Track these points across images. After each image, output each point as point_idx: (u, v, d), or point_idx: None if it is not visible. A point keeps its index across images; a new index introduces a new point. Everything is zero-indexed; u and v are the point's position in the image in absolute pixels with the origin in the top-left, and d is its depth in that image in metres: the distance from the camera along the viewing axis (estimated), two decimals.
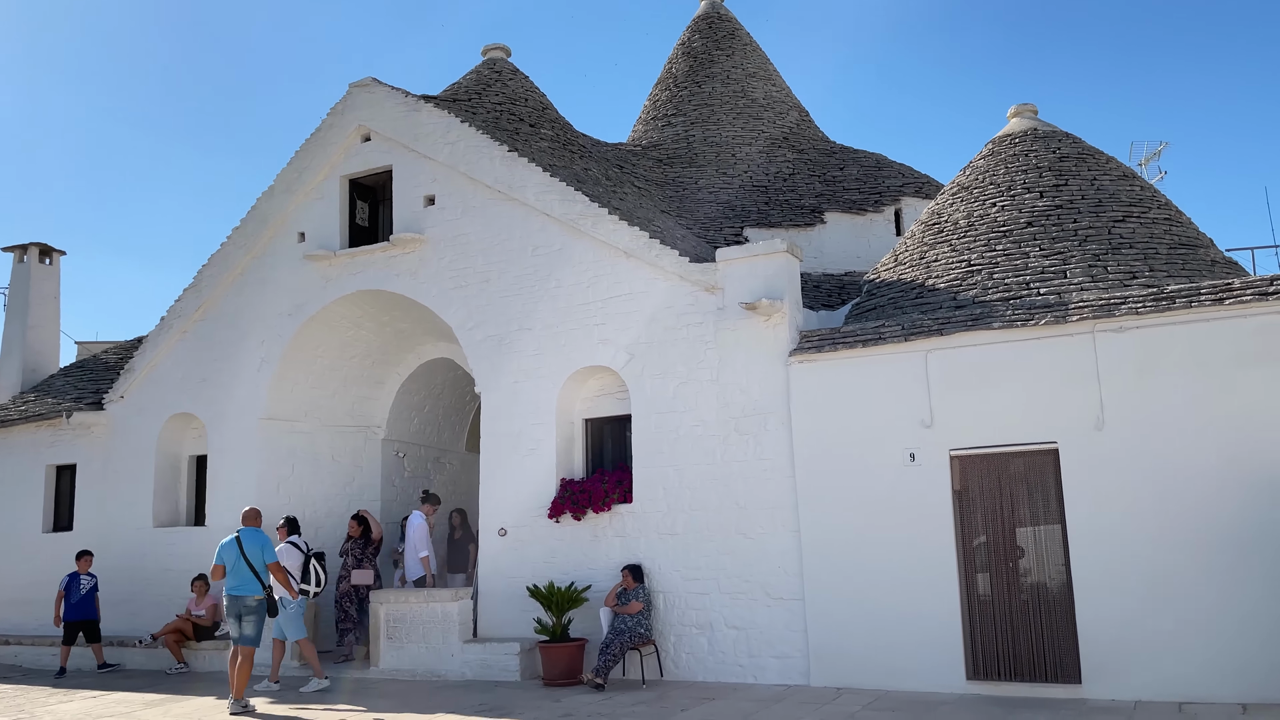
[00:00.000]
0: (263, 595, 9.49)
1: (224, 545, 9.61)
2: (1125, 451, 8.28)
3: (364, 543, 11.99)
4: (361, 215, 12.92)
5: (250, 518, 9.85)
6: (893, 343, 9.26)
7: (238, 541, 9.56)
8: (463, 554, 12.57)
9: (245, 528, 9.73)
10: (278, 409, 12.85)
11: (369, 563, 11.92)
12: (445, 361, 13.81)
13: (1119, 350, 8.39)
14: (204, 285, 13.43)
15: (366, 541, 12.00)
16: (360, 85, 12.76)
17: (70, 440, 14.37)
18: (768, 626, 9.58)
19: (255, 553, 9.52)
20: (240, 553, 9.48)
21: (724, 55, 17.28)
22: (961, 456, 8.96)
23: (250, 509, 10.00)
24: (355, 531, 12.04)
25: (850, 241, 14.36)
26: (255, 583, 9.46)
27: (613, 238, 10.81)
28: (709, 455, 10.06)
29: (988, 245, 10.18)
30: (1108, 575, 8.25)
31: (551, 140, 13.81)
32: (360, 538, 12.01)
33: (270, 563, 9.62)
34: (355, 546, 11.98)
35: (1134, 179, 10.82)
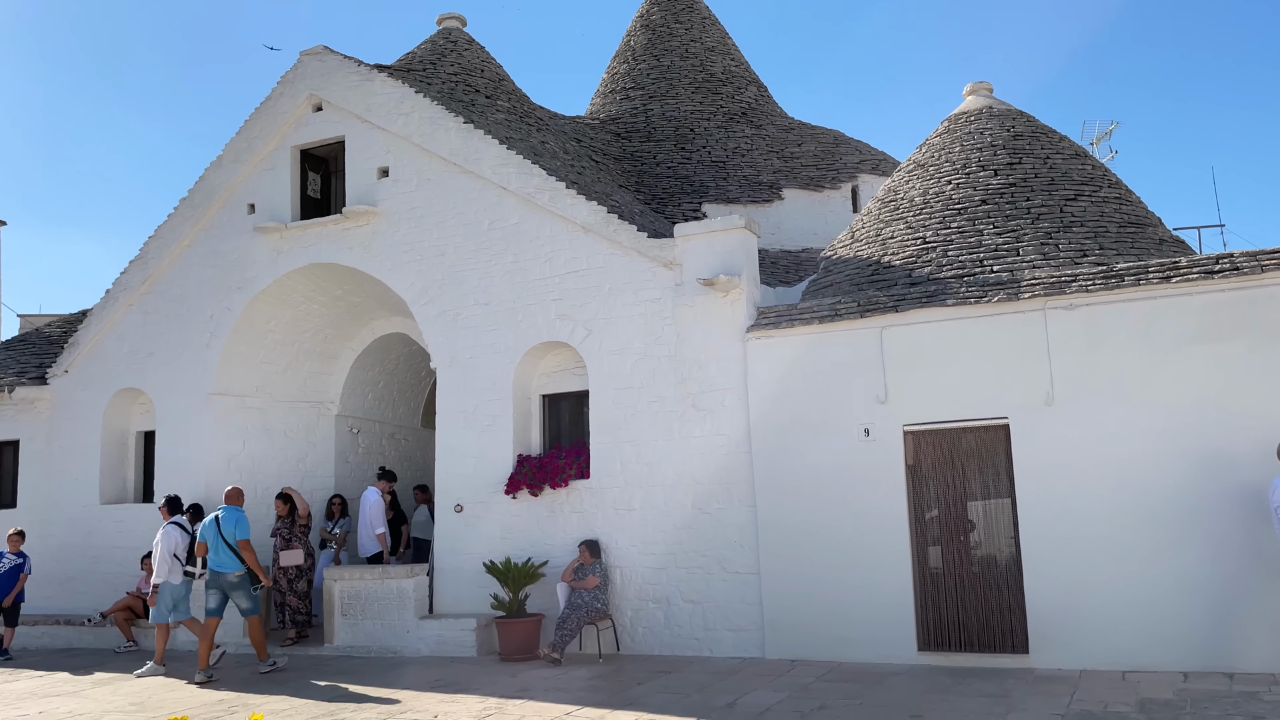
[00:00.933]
0: (242, 571, 9.83)
1: (205, 524, 10.03)
2: (1074, 427, 8.43)
3: (290, 522, 11.60)
4: (313, 187, 12.67)
5: (232, 496, 10.25)
6: (849, 319, 9.32)
7: (216, 520, 9.94)
8: (393, 534, 12.22)
9: (226, 506, 10.10)
10: (228, 384, 12.62)
11: (298, 542, 11.55)
12: (400, 336, 13.64)
13: (1069, 327, 8.53)
14: (150, 257, 13.11)
15: (294, 520, 11.62)
16: (312, 53, 12.47)
17: (12, 415, 14.00)
18: (724, 600, 9.66)
19: (229, 530, 9.85)
20: (218, 531, 9.87)
21: (683, 29, 17.17)
22: (915, 432, 9.06)
23: (232, 488, 10.40)
24: (282, 510, 11.64)
25: (808, 218, 14.42)
26: (234, 559, 9.83)
27: (570, 212, 10.73)
28: (666, 431, 10.08)
29: (942, 223, 10.26)
30: (1055, 548, 8.42)
31: (508, 112, 13.64)
32: (287, 517, 11.62)
33: (240, 539, 9.86)
34: (284, 526, 11.62)
35: (1086, 158, 10.95)
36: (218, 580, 9.85)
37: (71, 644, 12.37)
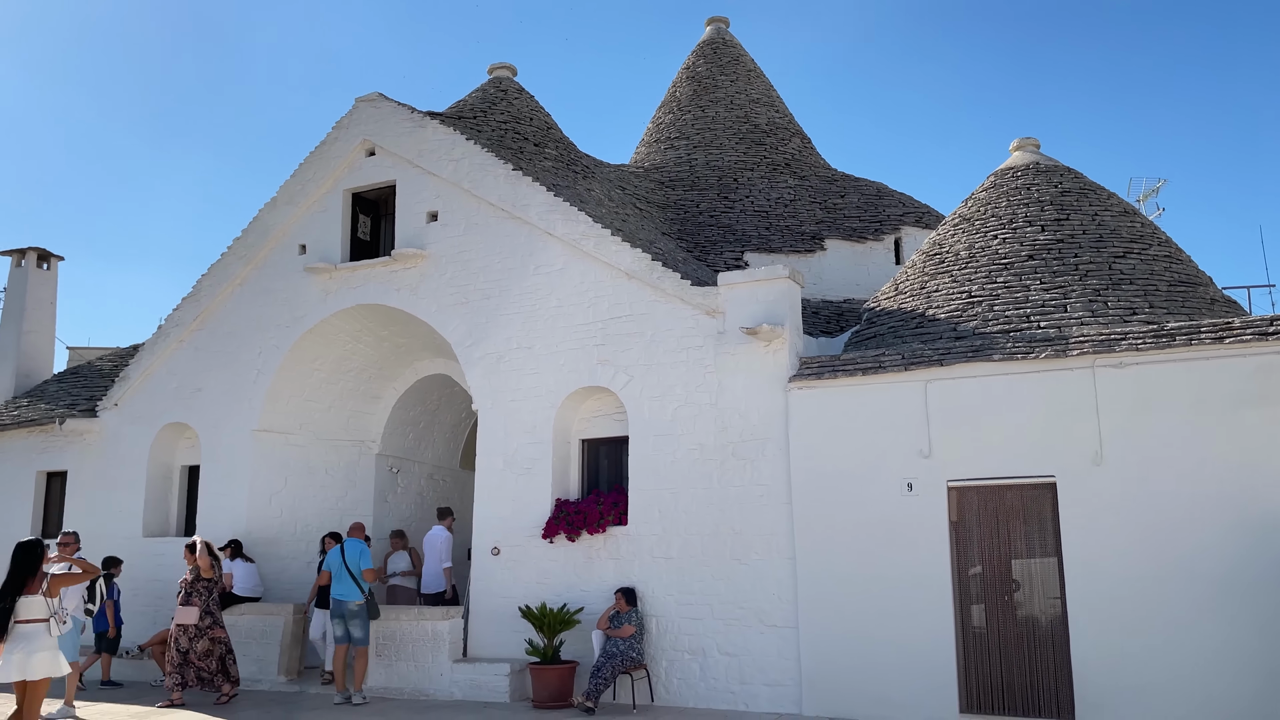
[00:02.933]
0: (363, 600, 10.33)
1: (331, 554, 10.67)
2: (1123, 487, 8.28)
3: (194, 576, 10.54)
4: (363, 229, 12.92)
5: (355, 530, 10.94)
6: (893, 371, 9.27)
7: (341, 551, 10.52)
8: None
9: (350, 538, 10.71)
10: (272, 421, 12.80)
11: (197, 598, 10.44)
12: (442, 378, 13.78)
13: (1118, 386, 8.41)
14: (203, 295, 13.40)
15: (196, 575, 10.54)
16: (366, 100, 12.80)
17: (62, 447, 14.28)
18: (761, 653, 9.53)
19: (354, 560, 10.42)
20: (343, 560, 10.42)
21: (728, 80, 17.39)
22: (959, 487, 8.95)
23: (356, 523, 11.16)
24: (190, 561, 10.65)
25: (850, 269, 14.41)
26: (356, 589, 10.32)
27: (615, 259, 10.83)
28: (706, 479, 10.04)
29: (989, 277, 10.22)
30: (1103, 611, 8.23)
31: (555, 160, 13.85)
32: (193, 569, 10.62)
33: (365, 569, 10.41)
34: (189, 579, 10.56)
35: (1134, 215, 10.88)
36: (340, 609, 10.31)
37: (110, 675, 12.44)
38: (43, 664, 7.09)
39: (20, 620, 7.12)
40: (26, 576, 7.22)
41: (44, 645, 7.13)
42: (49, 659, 7.12)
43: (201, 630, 10.41)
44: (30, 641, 7.10)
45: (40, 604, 7.19)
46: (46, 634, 7.16)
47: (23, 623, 7.12)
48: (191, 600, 10.42)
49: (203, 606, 10.46)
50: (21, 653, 7.06)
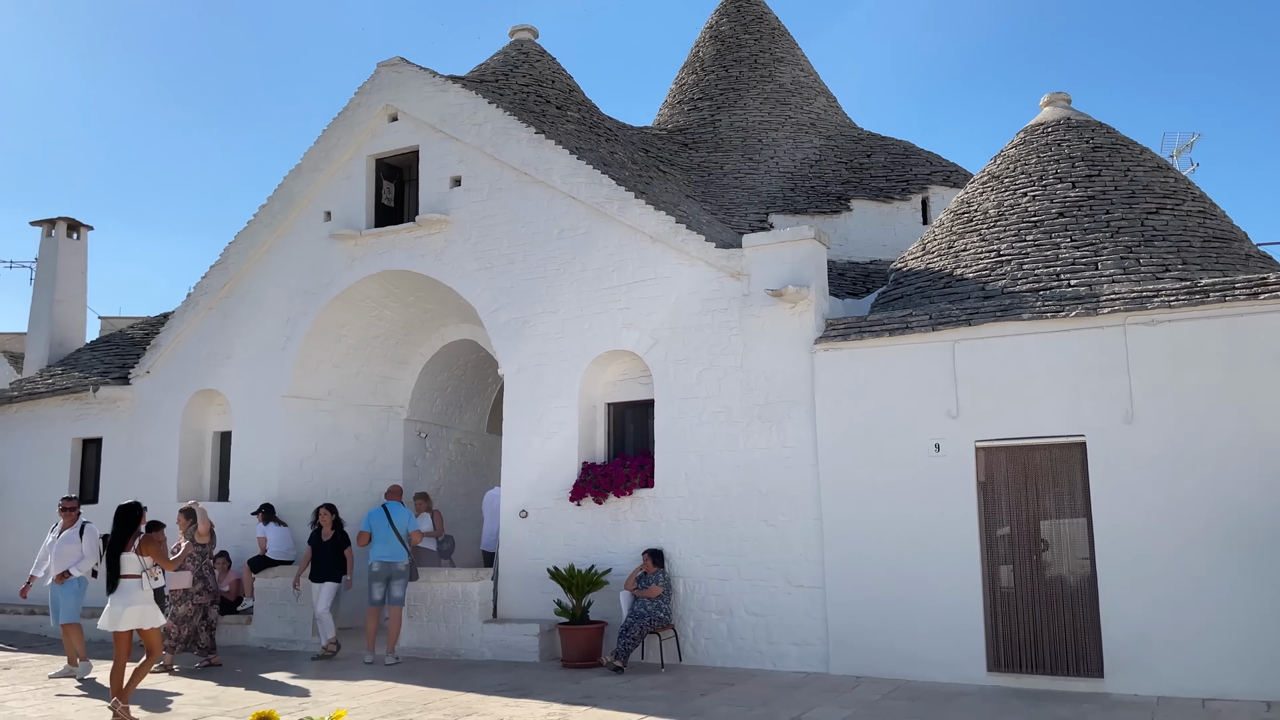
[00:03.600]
0: (408, 560, 10.60)
1: (373, 514, 10.79)
2: (1155, 446, 8.20)
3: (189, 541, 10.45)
4: (387, 195, 12.94)
5: (393, 493, 11.10)
6: (920, 332, 9.20)
7: (385, 512, 10.69)
8: (335, 560, 11.03)
9: (389, 500, 10.91)
10: (301, 387, 12.93)
11: (190, 563, 10.54)
12: (468, 343, 13.83)
13: (1150, 344, 8.30)
14: (230, 262, 13.50)
15: (191, 541, 10.53)
16: (388, 65, 12.75)
17: (96, 414, 14.51)
18: (788, 613, 9.58)
19: (402, 522, 10.68)
20: (389, 522, 10.61)
21: (752, 39, 17.16)
22: (987, 448, 8.90)
23: (394, 485, 11.35)
24: (183, 527, 10.68)
25: (876, 229, 14.26)
26: (403, 550, 10.59)
27: (639, 222, 10.78)
28: (732, 442, 10.05)
29: (1018, 235, 10.08)
30: (1133, 570, 8.19)
31: (578, 123, 13.76)
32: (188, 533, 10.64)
33: (413, 531, 10.78)
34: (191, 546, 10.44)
35: (1168, 170, 10.67)
36: (388, 570, 10.50)
37: None
38: (133, 617, 7.85)
39: (125, 574, 7.93)
40: (126, 536, 7.99)
41: (137, 599, 7.89)
42: (139, 612, 7.88)
43: (189, 594, 10.50)
44: (127, 595, 7.88)
45: (135, 561, 7.97)
46: (139, 589, 7.93)
47: (127, 577, 7.93)
48: (184, 565, 10.41)
49: (196, 571, 10.58)
50: (119, 605, 7.85)
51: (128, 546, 8.01)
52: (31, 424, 15.19)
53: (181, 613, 10.45)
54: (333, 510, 11.15)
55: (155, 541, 8.17)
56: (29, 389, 15.36)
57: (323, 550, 11.03)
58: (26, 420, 15.24)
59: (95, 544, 10.24)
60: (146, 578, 7.99)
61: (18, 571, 14.43)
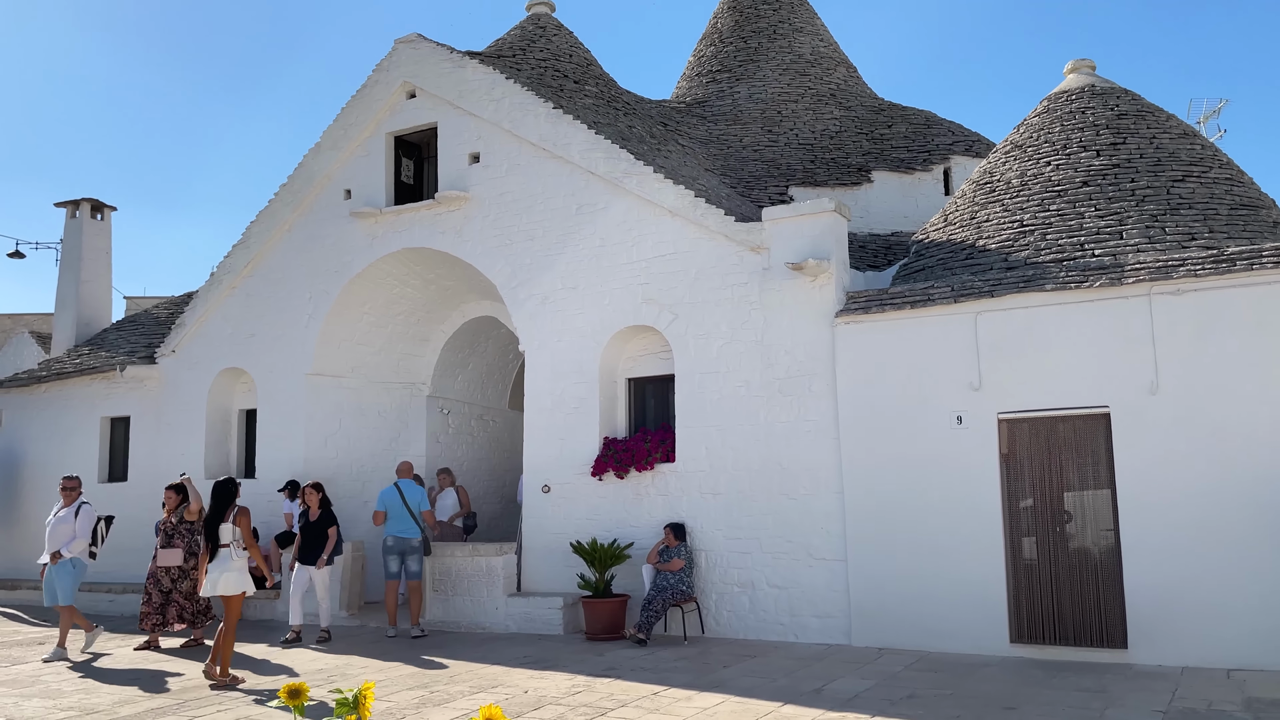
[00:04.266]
0: (422, 536, 10.83)
1: (386, 493, 10.95)
2: (1180, 417, 8.14)
3: (179, 517, 10.48)
4: (407, 173, 12.95)
5: (405, 470, 11.36)
6: (942, 304, 9.14)
7: (398, 490, 10.89)
8: (318, 539, 10.70)
9: (402, 479, 11.12)
10: (325, 364, 13.03)
11: (180, 540, 10.39)
12: (489, 320, 13.88)
13: (1176, 313, 8.22)
14: (252, 242, 13.58)
15: (182, 516, 10.48)
16: (406, 41, 12.72)
17: (124, 393, 14.69)
18: (810, 586, 9.62)
19: (415, 500, 10.88)
20: (403, 500, 10.82)
21: (770, 10, 16.98)
22: (1010, 420, 8.86)
23: (404, 462, 11.55)
24: (173, 503, 10.51)
25: (898, 201, 14.16)
26: (415, 526, 10.80)
27: (658, 196, 10.75)
28: (752, 416, 10.05)
29: (1041, 205, 9.97)
30: (1157, 540, 8.16)
31: (596, 97, 13.70)
32: (176, 510, 10.50)
33: (425, 510, 10.95)
34: (168, 522, 10.46)
35: (1194, 137, 10.51)
36: (401, 545, 10.75)
37: None
38: (230, 582, 8.37)
39: (221, 544, 8.46)
40: (224, 508, 8.54)
41: (232, 566, 8.42)
42: (235, 578, 8.39)
43: (185, 571, 10.36)
44: (223, 563, 8.42)
45: (229, 531, 8.48)
46: (232, 557, 8.43)
47: (221, 546, 8.46)
48: (174, 542, 10.36)
49: (186, 548, 10.38)
50: (216, 572, 8.39)
51: (225, 517, 8.49)
52: (60, 403, 15.40)
53: (186, 588, 10.39)
54: (319, 489, 10.86)
55: (246, 515, 8.60)
56: (57, 369, 15.57)
57: (308, 531, 10.75)
58: (55, 400, 15.46)
59: (89, 524, 10.14)
60: (235, 547, 8.45)
61: None
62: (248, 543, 8.58)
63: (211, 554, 8.45)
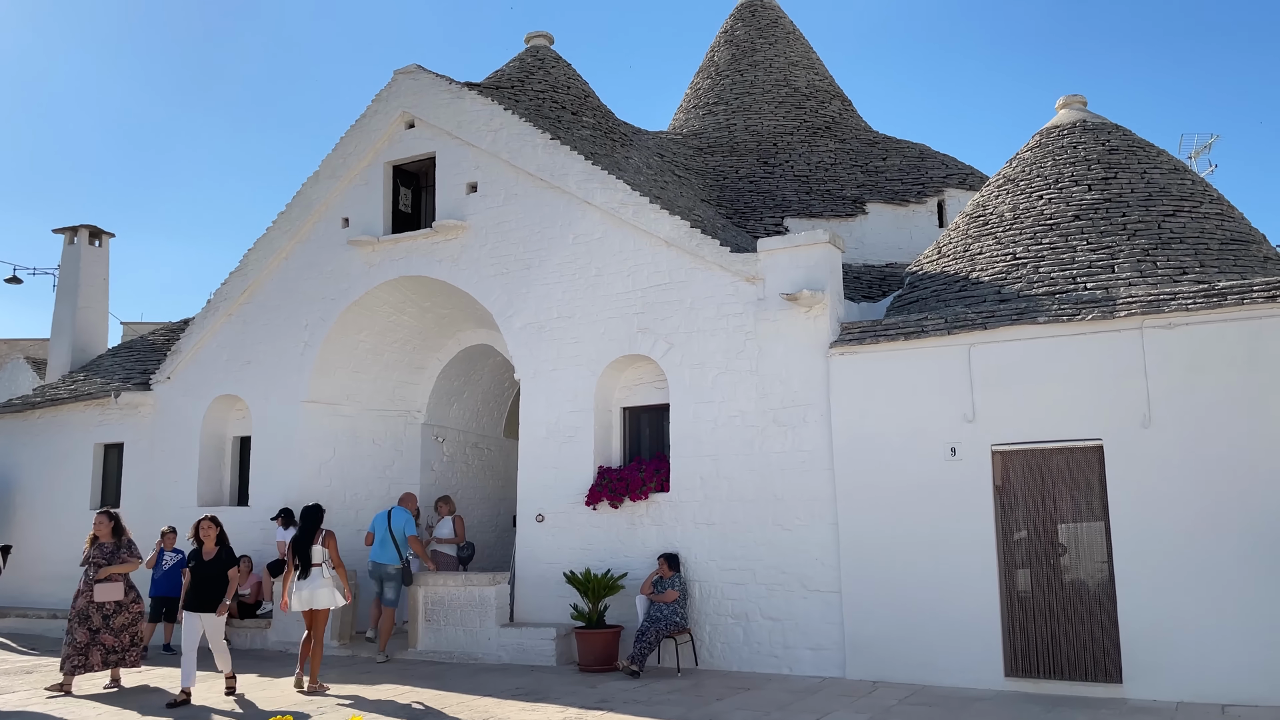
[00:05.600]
0: (400, 564, 11.01)
1: (378, 517, 11.31)
2: (1173, 450, 8.16)
3: (115, 547, 9.74)
4: (404, 201, 13.02)
5: (405, 499, 11.68)
6: (935, 336, 9.19)
7: (388, 516, 11.19)
8: (215, 582, 9.15)
9: (397, 506, 11.39)
10: (320, 392, 13.02)
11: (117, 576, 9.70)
12: (485, 348, 13.91)
13: (1168, 347, 8.26)
14: (249, 269, 13.62)
15: (118, 546, 9.76)
16: (405, 72, 12.84)
17: (118, 420, 14.66)
18: (804, 618, 9.58)
19: (399, 526, 11.08)
20: (388, 526, 11.09)
21: (766, 44, 17.17)
22: (1004, 452, 8.88)
23: (407, 493, 11.93)
24: (104, 533, 9.72)
25: (892, 232, 14.25)
26: (395, 554, 11.01)
27: (654, 226, 10.82)
28: (747, 446, 10.06)
29: (1033, 238, 10.05)
30: (1152, 574, 8.15)
31: (593, 128, 13.82)
32: (110, 540, 9.74)
33: (410, 535, 11.13)
34: (99, 553, 9.65)
35: (1185, 173, 10.62)
36: (379, 571, 11.02)
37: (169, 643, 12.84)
38: (324, 597, 9.29)
39: (313, 564, 9.30)
40: (314, 531, 9.45)
41: (323, 583, 9.28)
42: (327, 594, 9.30)
43: (123, 605, 9.71)
44: (315, 581, 9.27)
45: (320, 552, 9.37)
46: (322, 575, 9.30)
47: (315, 565, 9.30)
48: (115, 576, 9.66)
49: (125, 581, 9.77)
50: (309, 589, 9.25)
51: (315, 539, 9.37)
52: (55, 430, 15.37)
53: (119, 624, 9.65)
54: (216, 523, 9.44)
55: (333, 537, 9.51)
56: (52, 395, 15.55)
57: (200, 572, 9.16)
58: (49, 426, 15.43)
59: None
60: (325, 566, 9.30)
61: (41, 575, 14.66)
62: (335, 562, 9.39)
63: (302, 572, 9.23)
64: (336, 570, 9.37)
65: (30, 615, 14.24)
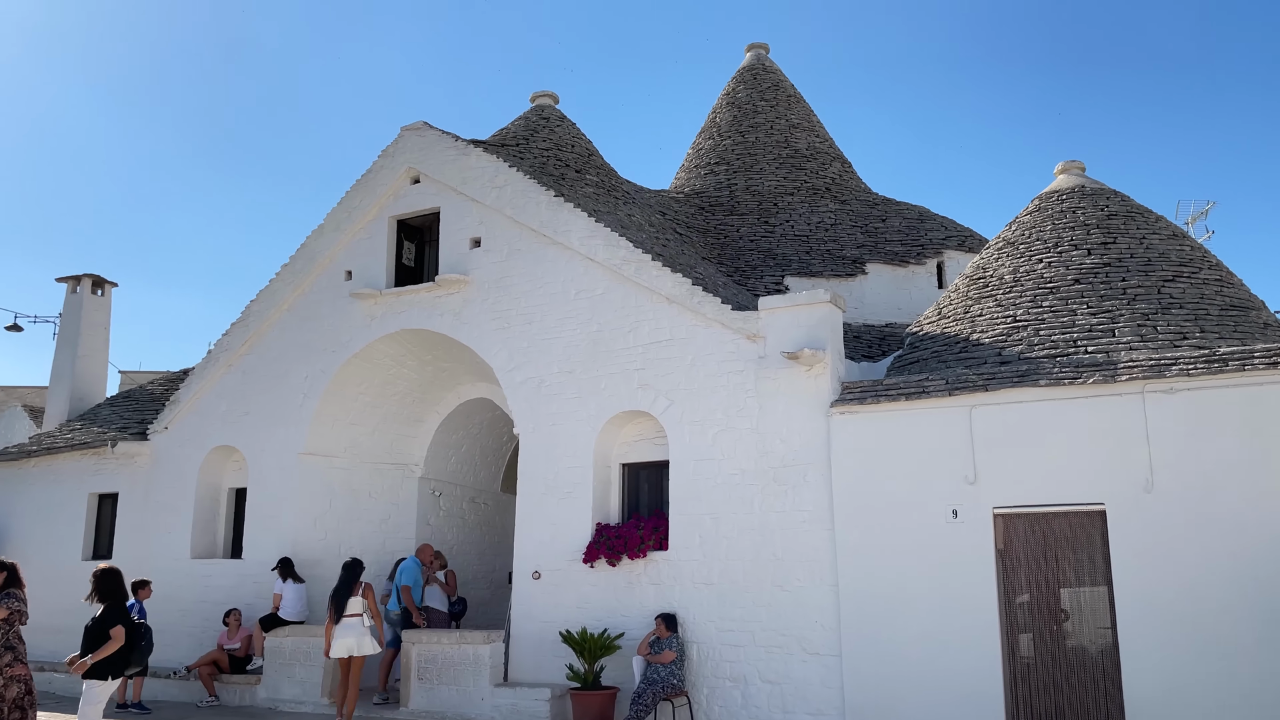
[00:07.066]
0: (399, 610, 11.61)
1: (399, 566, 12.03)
2: (1176, 515, 8.11)
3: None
4: (408, 255, 13.10)
5: (419, 550, 12.12)
6: (936, 396, 9.18)
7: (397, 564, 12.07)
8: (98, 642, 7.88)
9: (411, 556, 12.01)
10: (317, 444, 12.96)
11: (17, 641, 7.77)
12: (484, 402, 13.88)
13: (1169, 412, 8.26)
14: (251, 320, 13.64)
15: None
16: (412, 128, 13.01)
17: (114, 469, 14.56)
18: (803, 682, 9.42)
19: (399, 577, 11.69)
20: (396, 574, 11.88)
21: (768, 106, 17.44)
22: (1006, 515, 8.82)
23: (423, 544, 12.43)
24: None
25: (891, 293, 14.33)
26: (394, 600, 11.69)
27: (655, 283, 10.87)
28: (747, 504, 9.99)
29: (1034, 301, 10.10)
30: (1155, 640, 8.05)
31: (596, 186, 13.96)
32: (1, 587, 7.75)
33: (403, 585, 11.60)
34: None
35: (1184, 238, 10.71)
36: (387, 615, 11.70)
37: (155, 696, 12.61)
38: (366, 644, 9.91)
39: (347, 615, 9.90)
40: (353, 583, 10.03)
41: (361, 633, 9.89)
42: (370, 641, 9.94)
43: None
44: (354, 629, 9.86)
45: (359, 603, 9.97)
46: (361, 625, 9.88)
47: (349, 616, 9.91)
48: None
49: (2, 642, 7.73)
50: (351, 637, 9.83)
51: (354, 591, 9.97)
52: (49, 479, 15.25)
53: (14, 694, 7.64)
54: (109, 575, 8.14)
55: (370, 589, 10.13)
56: (48, 444, 15.45)
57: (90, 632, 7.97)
58: (44, 475, 15.31)
59: None
60: (366, 616, 9.94)
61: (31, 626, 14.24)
62: (374, 612, 10.01)
63: (337, 621, 9.83)
64: (375, 620, 9.99)
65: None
